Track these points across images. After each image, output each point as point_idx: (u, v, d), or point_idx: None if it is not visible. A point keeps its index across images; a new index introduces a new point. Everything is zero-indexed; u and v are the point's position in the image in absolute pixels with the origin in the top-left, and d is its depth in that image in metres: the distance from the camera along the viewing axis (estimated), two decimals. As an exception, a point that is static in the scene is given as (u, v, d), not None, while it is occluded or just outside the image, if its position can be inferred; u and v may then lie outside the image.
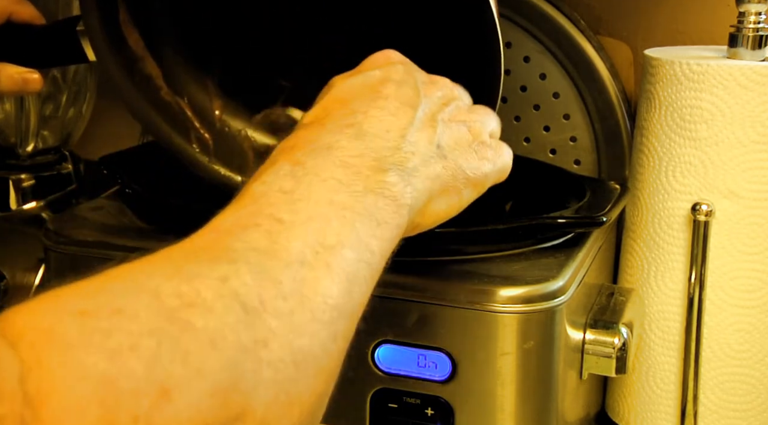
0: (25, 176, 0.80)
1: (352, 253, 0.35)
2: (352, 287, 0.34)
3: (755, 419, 0.64)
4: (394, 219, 0.38)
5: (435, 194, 0.42)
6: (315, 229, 0.34)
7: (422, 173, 0.41)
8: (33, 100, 0.78)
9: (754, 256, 0.61)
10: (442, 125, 0.43)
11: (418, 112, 0.43)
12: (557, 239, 0.57)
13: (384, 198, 0.37)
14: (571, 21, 0.73)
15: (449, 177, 0.42)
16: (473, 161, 0.44)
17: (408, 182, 0.39)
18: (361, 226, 0.36)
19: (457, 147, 0.44)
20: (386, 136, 0.40)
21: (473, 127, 0.45)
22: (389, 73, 0.44)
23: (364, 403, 0.54)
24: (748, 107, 0.59)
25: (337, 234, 0.35)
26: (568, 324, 0.53)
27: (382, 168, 0.38)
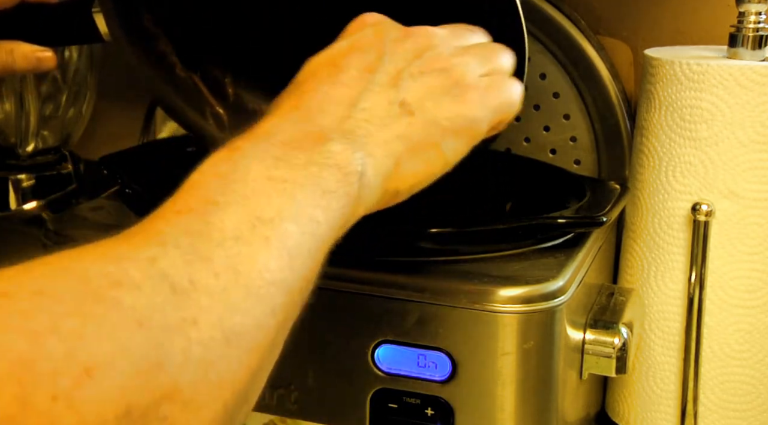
0: (25, 176, 0.80)
1: (294, 225, 0.34)
2: (293, 261, 0.33)
3: (755, 419, 0.64)
4: (341, 188, 0.36)
5: (403, 155, 0.40)
6: (252, 205, 0.33)
7: (379, 137, 0.39)
8: (33, 100, 0.78)
9: (754, 256, 0.61)
10: (409, 80, 0.42)
11: (377, 75, 0.41)
12: (557, 239, 0.57)
13: (328, 167, 0.36)
14: (571, 21, 0.73)
15: (419, 133, 0.40)
16: (450, 109, 0.42)
17: (357, 149, 0.37)
18: (303, 197, 0.34)
19: (429, 98, 0.41)
20: (333, 110, 0.39)
21: (454, 71, 0.43)
22: (355, 41, 0.43)
23: (364, 403, 0.54)
24: (748, 106, 0.59)
25: (276, 207, 0.34)
26: (568, 324, 0.53)
27: (324, 139, 0.37)
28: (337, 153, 0.37)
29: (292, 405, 0.56)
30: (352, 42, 0.43)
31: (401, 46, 0.43)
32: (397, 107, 0.40)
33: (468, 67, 0.44)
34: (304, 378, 0.55)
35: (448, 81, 0.42)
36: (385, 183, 0.39)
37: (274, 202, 0.34)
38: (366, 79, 0.41)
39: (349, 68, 0.41)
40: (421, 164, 0.41)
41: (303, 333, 0.54)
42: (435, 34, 0.45)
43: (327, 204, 0.35)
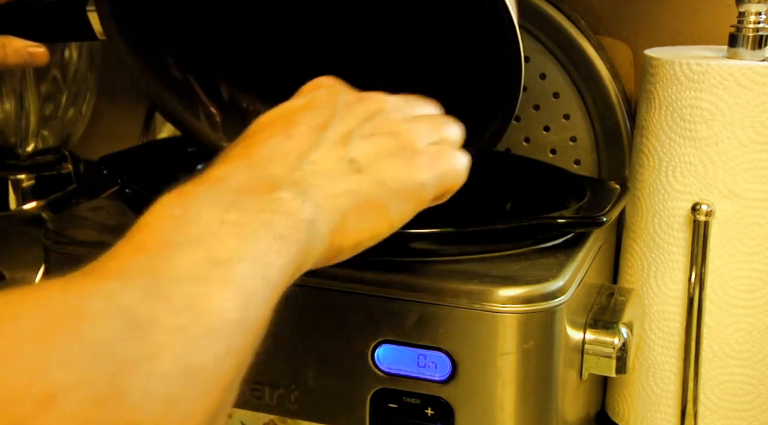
0: (25, 176, 0.80)
1: (248, 268, 0.33)
2: (248, 303, 0.33)
3: (755, 419, 0.64)
4: (292, 234, 0.36)
5: (350, 211, 0.40)
6: (207, 246, 0.33)
7: (326, 190, 0.39)
8: (33, 100, 0.78)
9: (754, 256, 0.61)
10: (359, 140, 0.42)
11: (328, 132, 0.42)
12: (557, 239, 0.57)
13: (279, 214, 0.36)
14: (571, 21, 0.73)
15: (367, 191, 0.40)
16: (398, 171, 0.42)
17: (306, 199, 0.38)
18: (256, 241, 0.34)
19: (378, 158, 0.42)
20: (283, 160, 0.39)
21: (404, 135, 0.43)
22: (309, 101, 0.44)
23: (364, 403, 0.54)
24: (748, 106, 0.59)
25: (232, 249, 0.33)
26: (568, 324, 0.53)
27: (275, 186, 0.37)
28: (288, 200, 0.37)
29: (292, 405, 0.56)
30: (306, 101, 0.44)
31: (353, 109, 0.44)
32: (346, 164, 0.41)
33: (417, 133, 0.44)
34: (304, 378, 0.55)
35: (397, 144, 0.43)
36: (331, 237, 0.39)
37: (229, 244, 0.34)
38: (317, 135, 0.41)
39: (301, 124, 0.42)
40: (366, 222, 0.41)
41: (303, 333, 0.54)
42: (387, 100, 0.46)
43: (279, 249, 0.35)
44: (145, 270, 0.31)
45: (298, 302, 0.54)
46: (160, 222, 0.34)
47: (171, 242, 0.33)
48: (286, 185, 0.38)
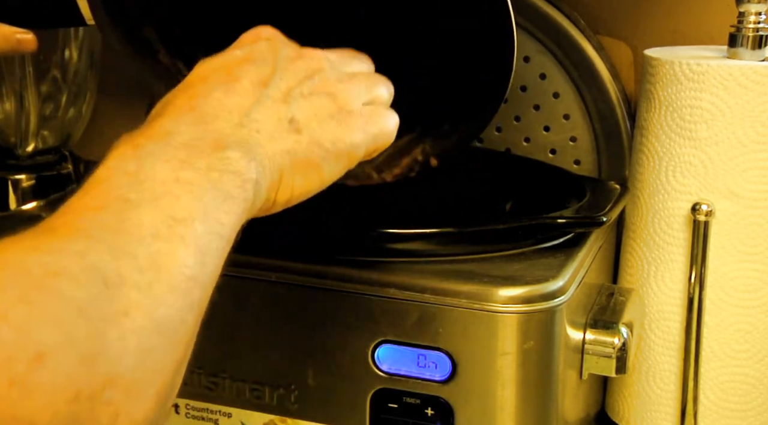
0: (25, 176, 0.80)
1: (203, 226, 0.35)
2: (205, 259, 0.35)
3: (755, 419, 0.64)
4: (240, 194, 0.38)
5: (287, 170, 0.41)
6: (164, 204, 0.35)
7: (268, 149, 0.41)
8: (33, 100, 0.78)
9: (754, 256, 0.61)
10: (300, 99, 0.43)
11: (270, 89, 0.43)
12: (557, 239, 0.57)
13: (228, 173, 0.37)
14: (571, 21, 0.73)
15: (304, 151, 0.42)
16: (334, 132, 0.43)
17: (251, 158, 0.39)
18: (209, 200, 0.36)
19: (315, 119, 0.43)
20: (227, 116, 0.40)
21: (340, 96, 0.45)
22: (250, 53, 0.44)
23: (364, 403, 0.54)
24: (748, 107, 0.59)
25: (187, 208, 0.35)
26: (568, 324, 0.53)
27: (222, 145, 0.38)
28: (235, 160, 0.38)
29: (292, 405, 0.56)
30: (246, 53, 0.45)
31: (293, 65, 0.45)
32: (287, 123, 0.42)
33: (353, 93, 0.46)
34: (304, 378, 0.55)
35: (334, 105, 0.44)
36: (267, 193, 0.41)
37: (184, 203, 0.35)
38: (258, 92, 0.42)
39: (242, 78, 0.43)
40: (300, 180, 0.42)
41: (303, 333, 0.54)
42: (326, 57, 0.47)
43: (228, 208, 0.37)
44: (110, 229, 0.33)
45: (299, 302, 0.54)
46: (117, 178, 0.35)
47: (130, 200, 0.34)
48: (233, 143, 0.39)
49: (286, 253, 0.54)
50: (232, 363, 0.56)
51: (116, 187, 0.35)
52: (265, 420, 0.57)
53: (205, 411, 0.58)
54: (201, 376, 0.57)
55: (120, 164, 0.36)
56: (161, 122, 0.39)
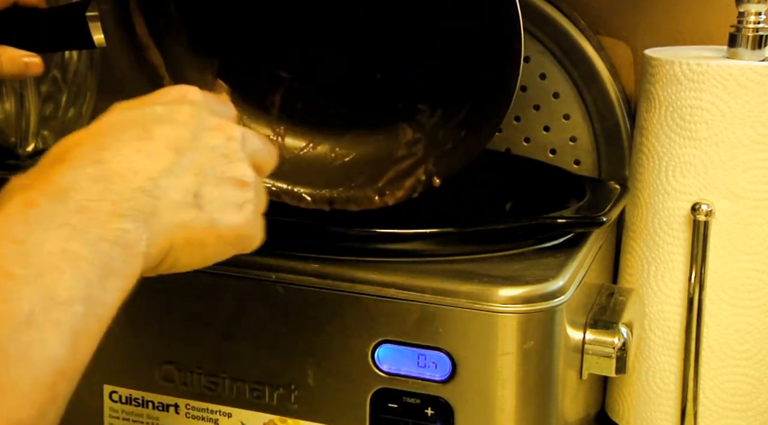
0: (25, 176, 0.79)
1: (83, 307, 0.34)
2: (78, 344, 0.34)
3: (755, 419, 0.64)
4: (127, 269, 0.37)
5: (178, 243, 0.40)
6: (47, 284, 0.34)
7: (166, 219, 0.39)
8: (33, 100, 0.78)
9: (754, 256, 0.61)
10: (211, 177, 0.42)
11: (184, 158, 0.41)
12: (557, 239, 0.57)
13: (117, 247, 0.36)
14: (571, 21, 0.73)
15: (199, 229, 0.41)
16: (233, 220, 0.42)
17: (146, 229, 0.38)
18: (93, 277, 0.35)
19: (219, 201, 0.42)
20: (132, 177, 0.39)
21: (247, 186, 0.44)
22: (170, 113, 0.43)
23: (364, 403, 0.54)
24: (748, 106, 0.59)
25: (69, 288, 0.34)
26: (568, 324, 0.53)
27: (118, 213, 0.37)
28: (128, 232, 0.37)
29: (292, 405, 0.56)
30: (166, 111, 0.43)
31: (212, 139, 0.43)
32: (191, 197, 0.41)
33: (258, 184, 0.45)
34: (304, 378, 0.55)
35: (239, 193, 0.43)
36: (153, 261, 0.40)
37: (68, 281, 0.34)
38: (169, 159, 0.41)
39: (156, 139, 0.41)
40: (185, 256, 0.41)
41: (303, 333, 0.54)
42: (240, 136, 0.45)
43: (113, 285, 0.36)
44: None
45: (299, 302, 0.54)
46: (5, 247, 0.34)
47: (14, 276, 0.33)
48: (130, 212, 0.38)
49: (286, 253, 0.54)
50: (232, 363, 0.56)
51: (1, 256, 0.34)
52: (265, 420, 0.57)
53: (205, 411, 0.58)
54: (201, 376, 0.57)
55: (10, 227, 0.35)
56: (61, 173, 0.38)
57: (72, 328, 0.34)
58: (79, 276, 0.35)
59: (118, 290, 0.36)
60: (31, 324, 0.32)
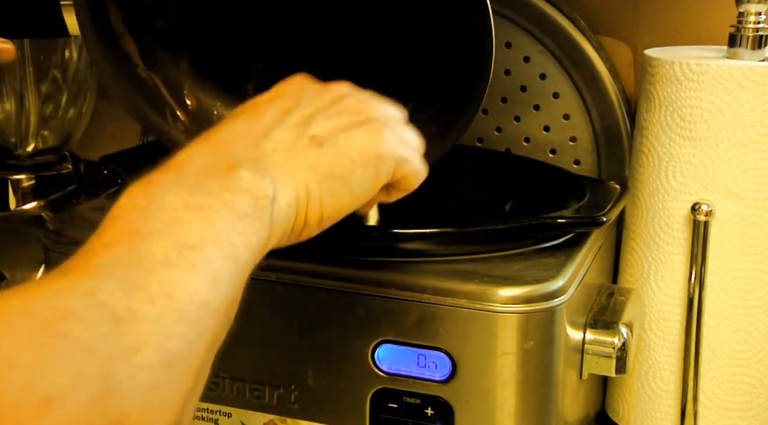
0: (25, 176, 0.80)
1: (216, 251, 0.35)
2: (218, 284, 0.34)
3: (755, 419, 0.64)
4: (254, 212, 0.37)
5: (313, 185, 0.41)
6: (175, 232, 0.35)
7: (288, 166, 0.40)
8: (33, 100, 0.78)
9: (754, 256, 0.61)
10: (323, 120, 0.43)
11: (292, 116, 0.43)
12: (557, 239, 0.57)
13: (239, 193, 0.37)
14: (571, 21, 0.73)
15: (328, 164, 0.41)
16: (361, 142, 0.42)
17: (265, 175, 0.39)
18: (221, 223, 0.36)
19: (340, 132, 0.43)
20: (244, 141, 0.40)
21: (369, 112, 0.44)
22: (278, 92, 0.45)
23: (364, 403, 0.54)
24: (748, 106, 0.59)
25: (197, 233, 0.35)
26: (568, 324, 0.53)
27: (234, 166, 0.38)
28: (247, 179, 0.38)
29: (292, 405, 0.56)
30: (274, 93, 0.45)
31: (319, 96, 0.45)
32: (307, 140, 0.42)
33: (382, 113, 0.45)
34: (304, 378, 0.55)
35: (363, 118, 0.44)
36: (296, 212, 0.40)
37: (195, 228, 0.35)
38: (280, 120, 0.42)
39: (267, 112, 0.43)
40: (329, 195, 0.41)
41: (303, 333, 0.54)
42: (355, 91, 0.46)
43: (242, 229, 0.36)
44: (120, 263, 0.33)
45: (299, 302, 0.54)
46: (127, 215, 0.35)
47: (140, 233, 0.34)
48: (246, 163, 0.39)
49: (286, 253, 0.54)
50: (232, 363, 0.56)
51: (127, 222, 0.35)
52: (265, 420, 0.57)
53: (205, 411, 0.58)
54: (201, 376, 0.57)
55: (131, 201, 0.36)
56: (176, 158, 0.39)
57: (207, 269, 0.34)
58: (206, 223, 0.35)
59: (250, 233, 0.37)
60: (167, 265, 0.33)
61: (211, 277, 0.34)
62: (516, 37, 0.74)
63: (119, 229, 0.35)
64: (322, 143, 0.42)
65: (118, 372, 0.29)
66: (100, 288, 0.31)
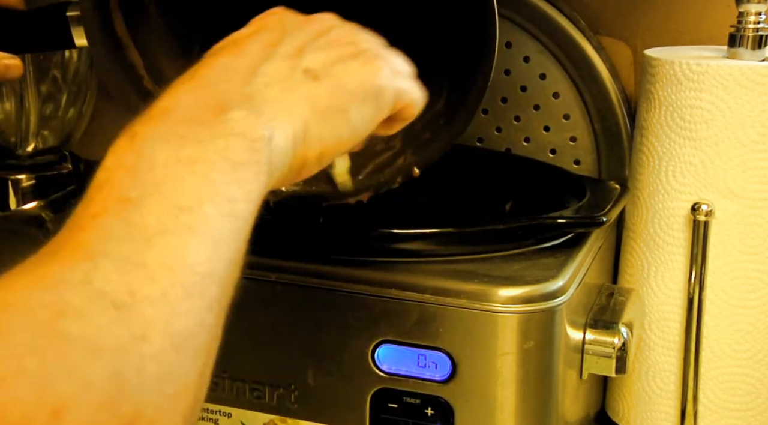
0: (25, 176, 0.80)
1: (213, 208, 0.32)
2: (219, 247, 0.32)
3: (755, 419, 0.64)
4: (251, 157, 0.34)
5: (311, 120, 0.38)
6: (168, 193, 0.32)
7: (281, 101, 0.37)
8: (33, 100, 0.78)
9: (754, 256, 0.61)
10: (314, 52, 0.40)
11: (280, 48, 0.40)
12: (557, 239, 0.57)
13: (233, 137, 0.34)
14: (571, 21, 0.73)
15: (326, 97, 0.38)
16: (358, 73, 0.40)
17: (259, 114, 0.35)
18: (217, 175, 0.33)
19: (335, 64, 0.40)
20: (233, 78, 0.37)
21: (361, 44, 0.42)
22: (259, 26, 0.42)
23: (364, 403, 0.54)
24: (748, 106, 0.59)
25: (193, 192, 0.32)
26: (568, 324, 0.53)
27: (224, 108, 0.35)
28: (240, 120, 0.35)
29: (292, 405, 0.56)
30: (254, 27, 0.42)
31: (304, 28, 0.42)
32: (301, 73, 0.39)
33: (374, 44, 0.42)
34: (304, 378, 0.55)
35: (355, 50, 0.41)
36: (294, 150, 0.37)
37: (189, 186, 0.32)
38: (268, 52, 0.39)
39: (251, 45, 0.40)
40: (328, 130, 0.38)
41: (303, 333, 0.54)
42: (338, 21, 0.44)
43: (239, 178, 0.34)
44: (112, 238, 0.30)
45: (299, 302, 0.54)
46: (115, 177, 0.33)
47: (131, 199, 0.31)
48: (237, 102, 0.36)
49: (286, 253, 0.54)
50: (232, 363, 0.56)
51: (115, 187, 0.32)
52: (265, 420, 0.57)
53: (205, 411, 0.58)
54: (201, 376, 0.57)
55: (118, 160, 0.33)
56: (160, 102, 0.36)
57: (206, 230, 0.32)
58: (200, 178, 0.32)
59: (248, 181, 0.34)
60: (163, 233, 0.30)
61: (212, 240, 0.32)
62: (516, 37, 0.74)
63: (107, 195, 0.32)
64: (317, 75, 0.39)
65: (125, 368, 0.27)
66: (95, 273, 0.29)
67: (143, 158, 0.33)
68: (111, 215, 0.31)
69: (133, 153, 0.33)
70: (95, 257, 0.29)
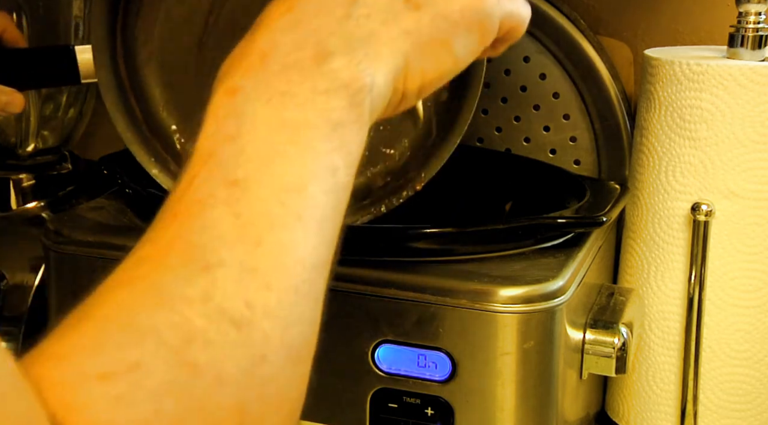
0: (25, 176, 0.80)
1: (317, 186, 0.31)
2: (324, 231, 0.31)
3: (755, 419, 0.64)
4: (352, 113, 0.33)
5: (412, 53, 0.36)
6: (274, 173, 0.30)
7: (382, 35, 0.35)
8: (33, 101, 0.78)
9: (754, 256, 0.61)
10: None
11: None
12: (557, 239, 0.57)
13: (335, 92, 0.32)
14: (571, 21, 0.73)
15: (427, 29, 0.36)
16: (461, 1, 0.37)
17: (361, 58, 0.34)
18: (318, 143, 0.31)
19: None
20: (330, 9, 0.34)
21: None
22: None
23: (364, 403, 0.54)
24: (748, 106, 0.59)
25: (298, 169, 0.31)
26: (568, 324, 0.53)
27: (324, 53, 0.33)
28: (341, 70, 0.33)
29: (292, 405, 0.56)
30: None
31: None
32: (401, 2, 0.36)
33: None
34: (304, 378, 0.55)
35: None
36: (394, 85, 0.36)
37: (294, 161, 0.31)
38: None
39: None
40: (430, 62, 0.37)
41: (303, 333, 0.54)
42: None
43: (341, 141, 0.32)
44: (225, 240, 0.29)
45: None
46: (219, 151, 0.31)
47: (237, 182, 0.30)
48: (337, 46, 0.33)
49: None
50: (232, 363, 0.56)
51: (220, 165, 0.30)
52: (265, 420, 0.57)
53: (205, 411, 0.58)
54: (201, 376, 0.57)
55: (220, 127, 0.32)
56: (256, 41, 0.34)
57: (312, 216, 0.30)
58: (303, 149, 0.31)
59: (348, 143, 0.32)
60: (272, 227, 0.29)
61: (318, 225, 0.30)
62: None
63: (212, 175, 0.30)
64: (419, 4, 0.36)
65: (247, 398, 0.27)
66: (213, 286, 0.27)
67: (246, 127, 0.31)
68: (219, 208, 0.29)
69: (235, 120, 0.32)
70: (211, 268, 0.28)
